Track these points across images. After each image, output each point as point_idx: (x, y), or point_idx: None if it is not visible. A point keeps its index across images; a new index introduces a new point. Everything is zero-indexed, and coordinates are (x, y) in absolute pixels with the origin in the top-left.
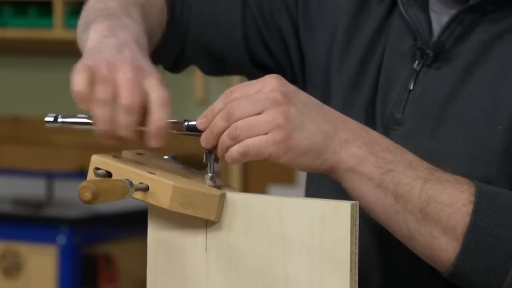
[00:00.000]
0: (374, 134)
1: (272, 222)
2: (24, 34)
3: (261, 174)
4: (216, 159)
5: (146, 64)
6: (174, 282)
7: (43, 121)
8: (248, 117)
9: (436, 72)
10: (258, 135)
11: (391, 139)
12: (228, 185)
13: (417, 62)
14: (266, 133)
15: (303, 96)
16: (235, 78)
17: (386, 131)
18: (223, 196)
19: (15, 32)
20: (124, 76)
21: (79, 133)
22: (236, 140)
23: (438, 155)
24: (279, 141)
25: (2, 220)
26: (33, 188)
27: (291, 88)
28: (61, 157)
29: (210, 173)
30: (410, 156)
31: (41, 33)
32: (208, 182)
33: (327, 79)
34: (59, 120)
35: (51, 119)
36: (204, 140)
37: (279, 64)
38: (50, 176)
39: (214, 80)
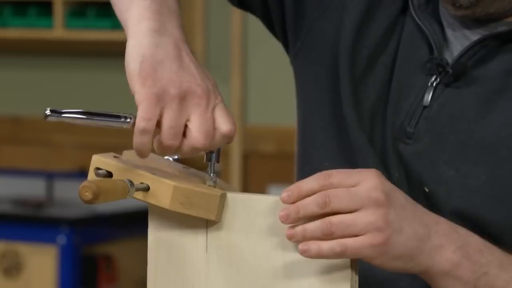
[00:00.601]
0: (464, 233)
1: (273, 222)
2: (24, 34)
3: (261, 174)
4: (217, 159)
5: (203, 74)
6: (175, 282)
7: (44, 121)
8: (345, 211)
9: (455, 92)
10: (354, 235)
11: (401, 151)
12: (228, 185)
13: (434, 77)
14: (363, 234)
15: (401, 197)
16: (236, 80)
17: (395, 142)
18: (223, 196)
19: (15, 32)
20: (196, 115)
21: (80, 133)
22: (328, 236)
23: (455, 186)
24: (377, 244)
25: (2, 220)
26: (33, 188)
27: (391, 187)
28: (61, 157)
29: (210, 173)
30: (499, 255)
31: (41, 33)
32: (209, 182)
33: (335, 62)
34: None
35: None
36: (285, 216)
37: (266, 15)
38: (50, 176)
39: None
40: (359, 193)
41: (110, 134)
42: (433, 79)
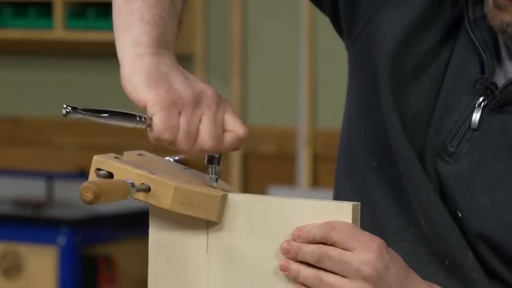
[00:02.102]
0: None
1: (273, 223)
2: (24, 35)
3: (261, 175)
4: (218, 162)
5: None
6: (175, 283)
7: (44, 121)
8: (335, 273)
9: (501, 118)
10: None
11: (439, 168)
12: (229, 186)
13: (482, 98)
14: None
15: (391, 275)
16: (236, 80)
17: (435, 158)
18: (224, 197)
19: (15, 33)
20: (207, 117)
21: (80, 134)
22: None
23: (488, 216)
24: None
25: (3, 220)
26: (33, 189)
27: (384, 264)
28: (61, 158)
29: (212, 174)
30: None
31: (41, 33)
32: (210, 183)
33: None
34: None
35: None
36: (286, 250)
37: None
38: (50, 177)
39: (214, 81)
40: (351, 263)
41: (110, 134)
42: (481, 100)
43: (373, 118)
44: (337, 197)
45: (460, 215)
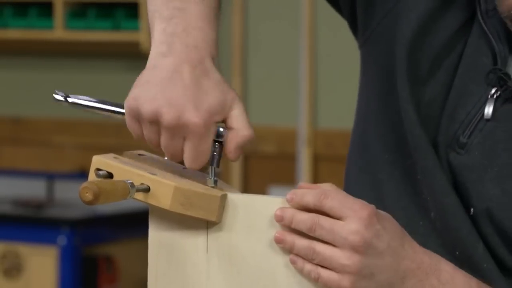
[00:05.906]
0: (448, 278)
1: (273, 223)
2: (24, 35)
3: (261, 175)
4: (218, 164)
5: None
6: (175, 283)
7: (44, 121)
8: (326, 242)
9: None
10: (330, 269)
11: (451, 160)
12: (229, 186)
13: (495, 89)
14: (337, 271)
15: (382, 244)
16: (236, 80)
17: (447, 149)
18: (224, 197)
19: (15, 33)
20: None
21: (80, 133)
22: (310, 260)
23: (498, 203)
24: (343, 287)
25: (3, 220)
26: (34, 189)
27: (374, 233)
28: (62, 158)
29: (211, 175)
30: (472, 283)
31: (41, 34)
32: (209, 183)
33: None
34: (70, 100)
35: (61, 98)
36: (280, 218)
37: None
38: (50, 177)
39: None
40: (340, 232)
41: (110, 134)
42: (493, 91)
43: (390, 111)
44: (347, 192)
45: (472, 205)
